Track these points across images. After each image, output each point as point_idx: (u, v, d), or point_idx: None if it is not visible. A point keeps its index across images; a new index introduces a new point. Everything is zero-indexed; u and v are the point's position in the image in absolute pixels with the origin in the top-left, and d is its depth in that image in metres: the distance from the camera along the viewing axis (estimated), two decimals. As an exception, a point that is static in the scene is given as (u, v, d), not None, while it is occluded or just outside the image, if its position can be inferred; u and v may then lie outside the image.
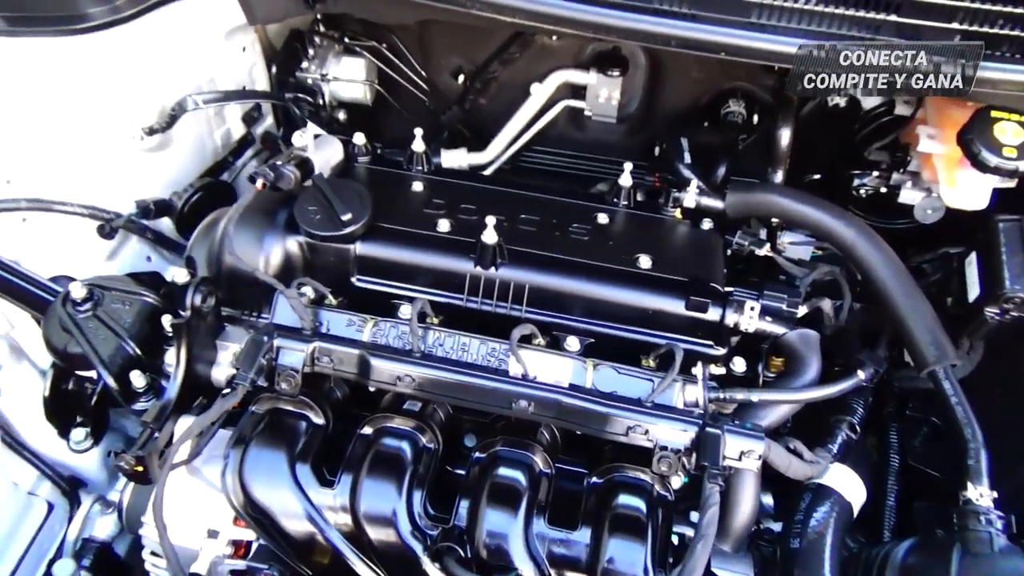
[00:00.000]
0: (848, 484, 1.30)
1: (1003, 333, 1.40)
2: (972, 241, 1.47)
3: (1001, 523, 1.14)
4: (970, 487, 1.16)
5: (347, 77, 1.94)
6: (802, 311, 1.40)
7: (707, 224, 1.53)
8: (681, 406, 1.23)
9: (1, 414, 1.43)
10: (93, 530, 1.53)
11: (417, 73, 1.99)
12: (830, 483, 1.29)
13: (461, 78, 1.99)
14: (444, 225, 1.44)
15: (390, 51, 1.96)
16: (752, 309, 1.34)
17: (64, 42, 1.40)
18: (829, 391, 1.31)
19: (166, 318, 1.30)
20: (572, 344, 1.31)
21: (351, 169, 1.59)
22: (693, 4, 1.31)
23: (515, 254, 1.39)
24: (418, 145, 1.58)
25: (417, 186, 1.54)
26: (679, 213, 1.55)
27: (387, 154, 1.67)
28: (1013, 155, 1.31)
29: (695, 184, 1.54)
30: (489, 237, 1.34)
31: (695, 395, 1.24)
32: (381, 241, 1.40)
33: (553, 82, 1.88)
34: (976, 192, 1.44)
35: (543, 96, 1.89)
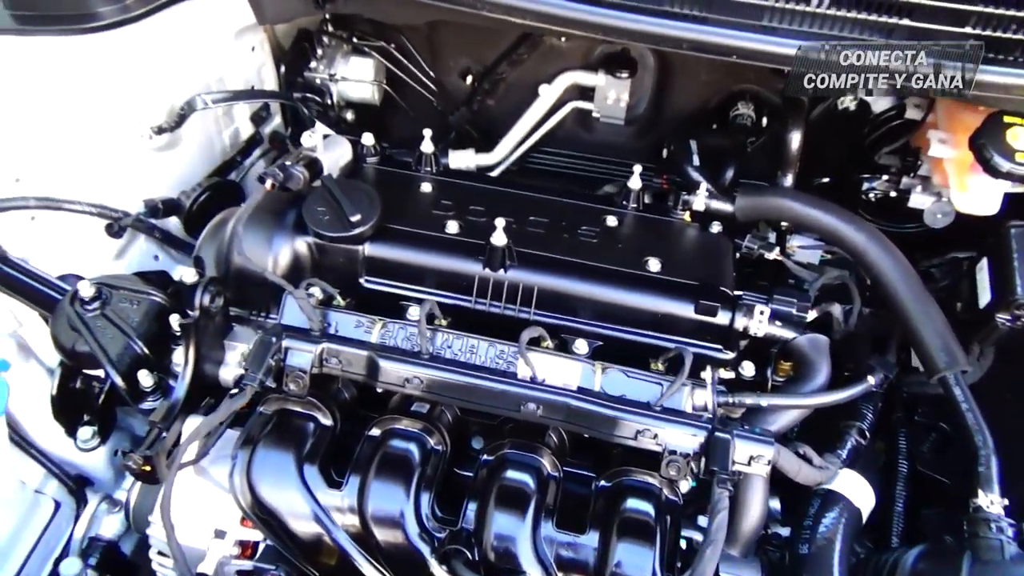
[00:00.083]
0: (857, 490, 1.29)
1: (1014, 339, 1.39)
2: (983, 246, 1.46)
3: (1012, 530, 1.13)
4: (981, 494, 1.16)
5: (355, 77, 1.94)
6: (811, 315, 1.39)
7: (716, 227, 1.53)
8: (690, 410, 1.23)
9: (9, 412, 1.43)
10: (99, 529, 1.53)
11: (425, 73, 1.99)
12: (839, 489, 1.29)
13: (469, 79, 1.99)
14: (453, 227, 1.43)
15: (398, 51, 1.95)
16: (762, 313, 1.34)
17: (74, 41, 1.40)
18: (839, 396, 1.30)
19: (174, 317, 1.31)
20: (580, 347, 1.30)
21: (360, 170, 1.59)
22: (704, 7, 1.31)
23: (524, 256, 1.39)
24: (427, 146, 1.58)
25: (426, 187, 1.54)
26: (688, 216, 1.55)
27: (395, 154, 1.67)
28: (1026, 160, 1.30)
29: (704, 187, 1.53)
30: (498, 239, 1.33)
31: (704, 399, 1.24)
32: (390, 242, 1.40)
33: (561, 83, 1.87)
34: (987, 197, 1.44)
35: (551, 97, 1.88)
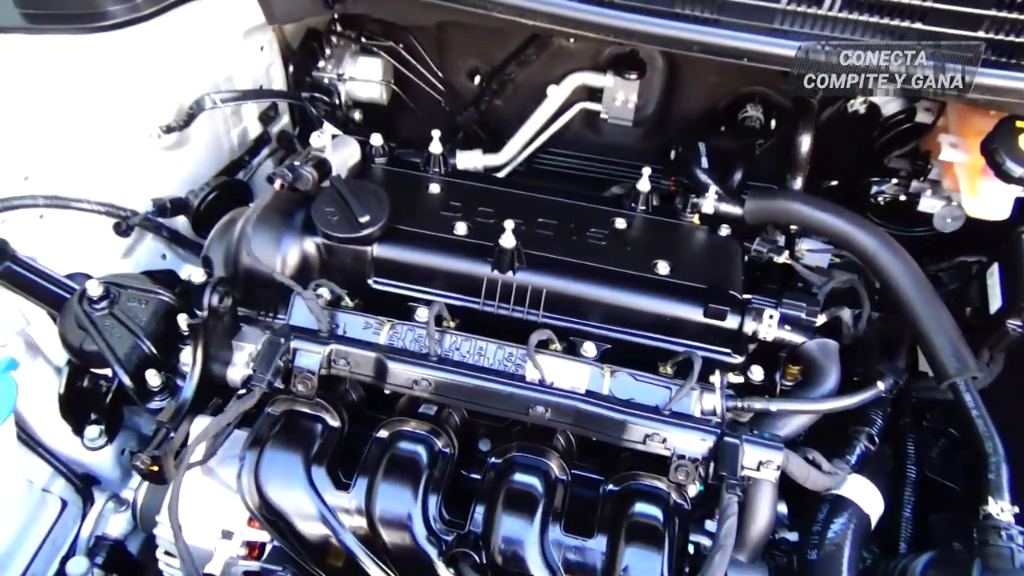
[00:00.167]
0: (866, 496, 1.28)
1: (1025, 345, 1.39)
2: (994, 252, 1.45)
3: (1022, 538, 1.13)
4: (991, 501, 1.15)
5: (363, 77, 1.94)
6: (821, 320, 1.39)
7: (725, 230, 1.52)
8: (698, 414, 1.22)
9: (16, 410, 1.43)
10: (106, 528, 1.54)
11: (433, 73, 1.99)
12: (848, 494, 1.28)
13: (477, 79, 1.98)
14: (461, 228, 1.43)
15: (407, 51, 1.95)
16: (771, 317, 1.33)
17: (84, 40, 1.40)
18: (849, 402, 1.30)
19: (182, 317, 1.30)
20: (589, 350, 1.30)
21: (368, 170, 1.59)
22: (715, 9, 1.30)
23: (532, 258, 1.38)
24: (436, 147, 1.57)
25: (434, 188, 1.54)
26: (697, 219, 1.54)
27: (403, 155, 1.67)
28: (1038, 166, 1.30)
29: (714, 190, 1.53)
30: (507, 241, 1.33)
31: (713, 403, 1.23)
32: (398, 243, 1.40)
33: (570, 84, 1.87)
34: (998, 202, 1.43)
35: (559, 98, 1.88)
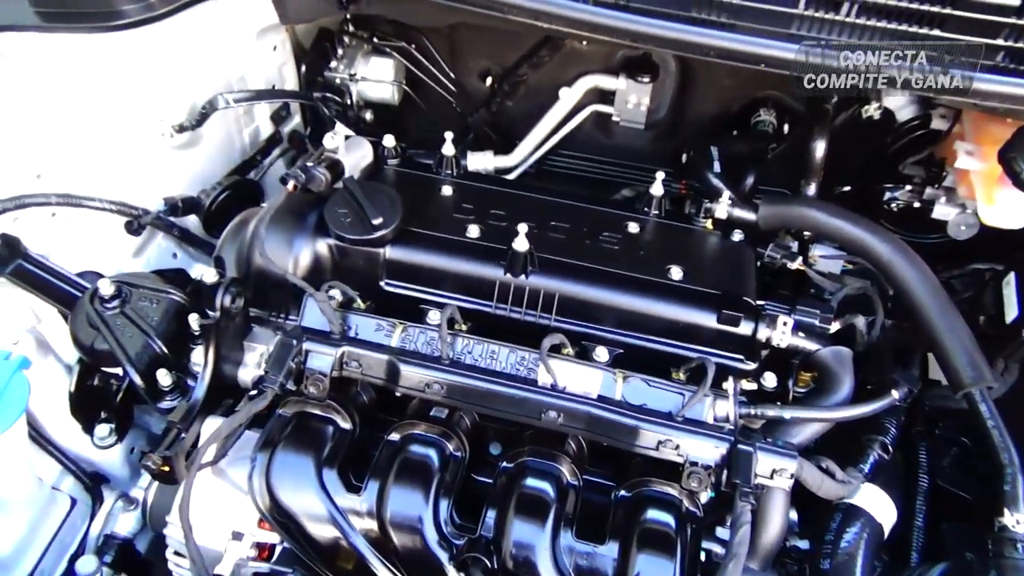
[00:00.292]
0: (879, 505, 1.27)
1: (1041, 355, 1.38)
2: (1011, 261, 1.44)
3: (1038, 551, 1.12)
4: (1007, 513, 1.14)
5: (375, 77, 1.93)
6: (835, 327, 1.38)
7: (738, 235, 1.51)
8: (711, 421, 1.22)
9: (27, 408, 1.42)
10: (115, 526, 1.53)
11: (445, 74, 1.98)
12: (861, 503, 1.27)
13: (489, 80, 1.98)
14: (474, 231, 1.43)
15: (418, 52, 1.95)
16: (785, 324, 1.33)
17: (98, 39, 1.40)
18: (863, 410, 1.29)
19: (193, 317, 1.30)
20: (601, 354, 1.30)
21: (380, 171, 1.59)
22: (733, 14, 1.29)
23: (545, 262, 1.38)
24: (448, 149, 1.57)
25: (447, 190, 1.53)
26: (710, 223, 1.54)
27: (415, 156, 1.67)
28: (1056, 175, 1.29)
29: (727, 195, 1.52)
30: (520, 244, 1.32)
31: (726, 410, 1.22)
32: (411, 246, 1.39)
33: (582, 86, 1.87)
34: (1015, 211, 1.42)
35: (571, 100, 1.88)
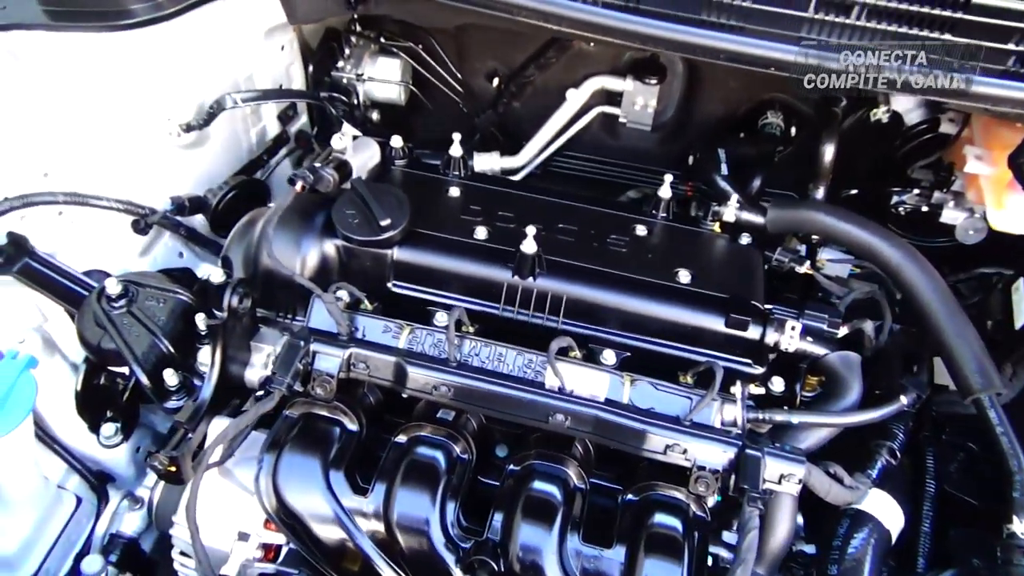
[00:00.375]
0: (887, 511, 1.27)
1: (1050, 361, 1.38)
2: (1019, 265, 1.44)
3: (1046, 557, 1.12)
4: (1015, 520, 1.14)
5: (382, 77, 1.93)
6: (843, 332, 1.37)
7: (745, 239, 1.51)
8: (719, 425, 1.21)
9: (33, 407, 1.43)
10: (120, 526, 1.53)
11: (452, 75, 1.98)
12: (869, 509, 1.27)
13: (496, 81, 1.98)
14: (481, 232, 1.42)
15: (426, 52, 1.95)
16: (793, 328, 1.32)
17: (106, 38, 1.40)
18: (872, 416, 1.28)
19: (200, 317, 1.30)
20: (608, 358, 1.29)
21: (388, 172, 1.58)
22: (742, 18, 1.29)
23: (553, 264, 1.37)
24: (456, 150, 1.57)
25: (454, 191, 1.53)
26: (717, 227, 1.53)
27: (422, 156, 1.66)
28: (1067, 181, 1.29)
29: (735, 199, 1.52)
30: (528, 247, 1.32)
31: (733, 414, 1.22)
32: (419, 247, 1.39)
33: (589, 88, 1.86)
34: (1025, 216, 1.42)
35: (578, 102, 1.87)
